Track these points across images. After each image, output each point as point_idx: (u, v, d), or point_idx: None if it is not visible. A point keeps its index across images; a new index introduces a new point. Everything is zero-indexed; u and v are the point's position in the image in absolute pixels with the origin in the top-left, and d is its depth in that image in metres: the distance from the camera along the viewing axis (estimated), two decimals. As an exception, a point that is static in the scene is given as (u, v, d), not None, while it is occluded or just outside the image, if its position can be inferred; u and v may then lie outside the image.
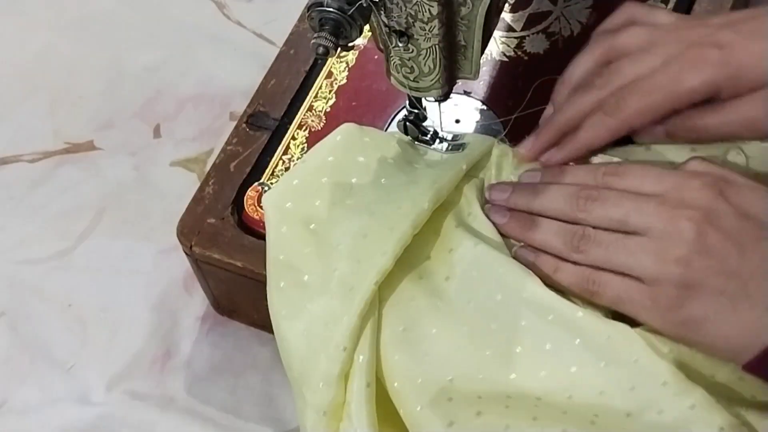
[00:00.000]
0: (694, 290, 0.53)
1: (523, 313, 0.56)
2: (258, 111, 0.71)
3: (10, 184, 0.83)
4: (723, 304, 0.52)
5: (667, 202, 0.55)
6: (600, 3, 0.73)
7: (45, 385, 0.73)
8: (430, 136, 0.65)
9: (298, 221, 0.60)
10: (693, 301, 0.53)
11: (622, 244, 0.55)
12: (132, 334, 0.74)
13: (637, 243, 0.55)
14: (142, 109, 0.85)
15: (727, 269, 0.52)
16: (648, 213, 0.55)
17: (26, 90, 0.87)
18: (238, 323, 0.74)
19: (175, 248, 0.69)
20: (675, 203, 0.54)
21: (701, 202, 0.54)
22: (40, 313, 0.76)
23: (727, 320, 0.52)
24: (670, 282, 0.53)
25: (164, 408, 0.71)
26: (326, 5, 0.53)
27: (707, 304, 0.52)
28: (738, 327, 0.52)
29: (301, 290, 0.58)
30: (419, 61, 0.58)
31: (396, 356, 0.57)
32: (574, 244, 0.57)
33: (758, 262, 0.52)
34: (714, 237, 0.53)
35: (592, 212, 0.57)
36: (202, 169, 0.81)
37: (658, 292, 0.54)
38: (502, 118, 0.68)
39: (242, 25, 0.89)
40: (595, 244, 0.56)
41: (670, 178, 0.56)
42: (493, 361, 0.56)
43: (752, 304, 0.51)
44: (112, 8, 0.91)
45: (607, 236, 0.56)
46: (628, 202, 0.56)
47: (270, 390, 0.71)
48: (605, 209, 0.56)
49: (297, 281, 0.59)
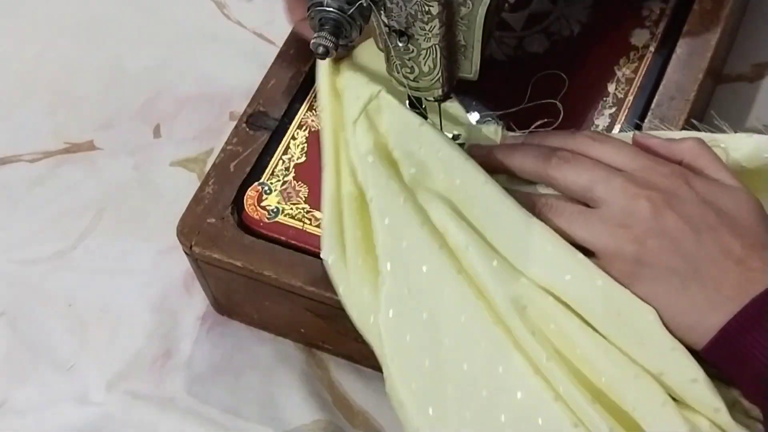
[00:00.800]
0: (646, 268, 0.54)
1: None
2: (258, 111, 0.71)
3: (10, 184, 0.82)
4: (673, 283, 0.53)
5: (634, 180, 0.56)
6: (600, 3, 0.73)
7: (45, 385, 0.73)
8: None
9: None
10: (644, 279, 0.54)
11: (583, 217, 0.56)
12: (132, 334, 0.74)
13: (597, 216, 0.56)
14: (142, 109, 0.85)
15: (680, 250, 0.53)
16: (613, 187, 0.56)
17: (26, 90, 0.87)
18: (238, 323, 0.74)
19: (175, 248, 0.69)
20: (641, 182, 0.56)
21: (665, 186, 0.55)
22: (40, 313, 0.76)
23: (677, 299, 0.53)
24: (623, 258, 0.54)
25: (164, 408, 0.71)
26: (326, 5, 0.53)
27: (657, 281, 0.54)
28: (686, 306, 0.53)
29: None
30: (419, 61, 0.58)
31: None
32: (535, 213, 0.58)
33: (712, 247, 0.53)
34: (671, 219, 0.54)
35: (563, 172, 0.58)
36: (202, 169, 0.81)
37: (612, 267, 0.55)
38: (501, 113, 0.68)
39: (242, 25, 0.89)
40: (557, 213, 0.57)
41: (642, 159, 0.57)
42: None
43: (702, 285, 0.53)
44: (112, 8, 0.91)
45: (569, 207, 0.57)
46: (597, 171, 0.57)
47: (270, 390, 0.71)
48: (575, 172, 0.57)
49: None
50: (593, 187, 0.56)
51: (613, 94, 0.69)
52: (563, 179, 0.58)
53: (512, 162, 0.61)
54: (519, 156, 0.61)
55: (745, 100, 0.78)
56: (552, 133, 0.62)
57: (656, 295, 0.54)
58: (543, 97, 0.69)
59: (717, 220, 0.54)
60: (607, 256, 0.55)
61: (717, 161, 0.57)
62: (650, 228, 0.54)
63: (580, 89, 0.69)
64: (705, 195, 0.55)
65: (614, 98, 0.69)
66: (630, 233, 0.54)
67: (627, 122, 0.67)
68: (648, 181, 0.56)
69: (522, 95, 0.69)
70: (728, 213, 0.54)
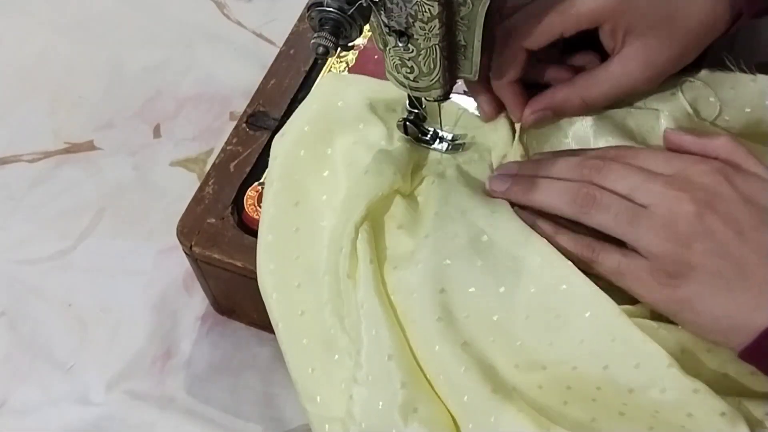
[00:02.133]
0: (691, 269, 0.53)
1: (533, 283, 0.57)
2: (258, 111, 0.71)
3: (10, 184, 0.83)
4: (718, 285, 0.53)
5: (674, 183, 0.55)
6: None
7: (45, 385, 0.73)
8: (430, 136, 0.65)
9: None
10: (689, 280, 0.54)
11: (631, 213, 0.55)
12: (132, 334, 0.74)
13: (642, 216, 0.55)
14: (142, 109, 0.85)
15: (725, 252, 0.53)
16: (654, 191, 0.55)
17: (26, 90, 0.87)
18: (238, 323, 0.74)
19: (175, 248, 0.69)
20: (681, 184, 0.55)
21: (705, 185, 0.55)
22: (40, 313, 0.76)
23: (721, 301, 0.53)
24: (669, 259, 0.54)
25: (164, 408, 0.71)
26: (326, 5, 0.53)
27: (703, 283, 0.53)
28: (731, 308, 0.53)
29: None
30: (419, 61, 0.58)
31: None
32: (579, 203, 0.57)
33: (756, 247, 0.53)
34: (715, 220, 0.53)
35: (601, 182, 0.57)
36: (202, 169, 0.81)
37: (657, 267, 0.54)
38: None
39: (242, 25, 0.89)
40: (603, 207, 0.56)
41: (678, 161, 0.57)
42: (500, 327, 0.56)
43: (747, 286, 0.52)
44: (112, 8, 0.91)
45: (616, 201, 0.56)
46: (634, 176, 0.56)
47: (270, 390, 0.71)
48: (610, 181, 0.57)
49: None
50: (632, 194, 0.56)
51: (613, 94, 0.69)
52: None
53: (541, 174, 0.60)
54: (550, 170, 0.59)
55: (745, 100, 0.78)
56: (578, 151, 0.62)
57: (702, 297, 0.53)
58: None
59: (760, 218, 0.54)
60: (652, 256, 0.55)
61: (752, 156, 0.57)
62: (695, 231, 0.54)
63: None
64: (746, 193, 0.54)
65: (614, 98, 0.69)
66: (675, 236, 0.54)
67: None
68: (687, 182, 0.55)
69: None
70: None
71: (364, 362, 0.56)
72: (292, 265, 0.61)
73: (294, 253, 0.61)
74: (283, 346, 0.60)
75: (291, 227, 0.61)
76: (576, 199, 0.57)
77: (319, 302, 0.59)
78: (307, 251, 0.61)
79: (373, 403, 0.55)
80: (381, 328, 0.56)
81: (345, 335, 0.58)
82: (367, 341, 0.56)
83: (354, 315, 0.58)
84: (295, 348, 0.59)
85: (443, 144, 0.65)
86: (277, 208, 0.62)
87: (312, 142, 0.63)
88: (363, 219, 0.59)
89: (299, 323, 0.59)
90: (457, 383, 0.55)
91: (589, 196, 0.56)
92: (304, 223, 0.61)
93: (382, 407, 0.55)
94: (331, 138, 0.64)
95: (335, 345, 0.59)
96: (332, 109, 0.64)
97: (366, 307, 0.57)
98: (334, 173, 0.62)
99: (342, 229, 0.59)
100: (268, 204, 0.62)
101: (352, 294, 0.58)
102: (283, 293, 0.60)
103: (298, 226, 0.61)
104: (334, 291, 0.59)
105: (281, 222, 0.61)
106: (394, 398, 0.55)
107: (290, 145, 0.63)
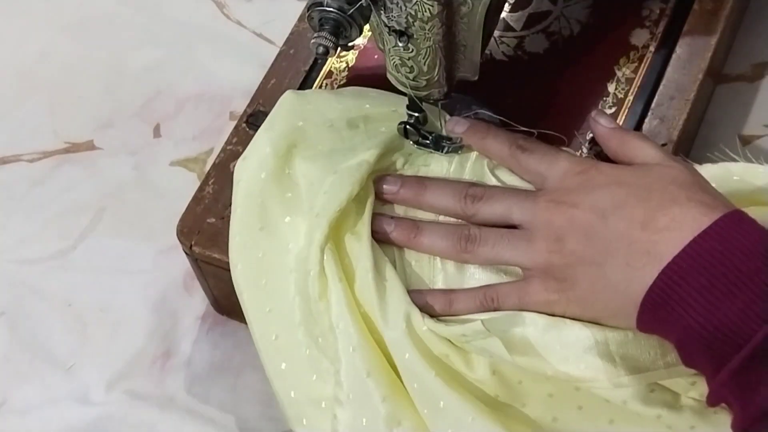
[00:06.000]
0: (574, 267, 0.54)
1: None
2: (258, 111, 0.71)
3: (10, 184, 0.82)
4: (595, 274, 0.54)
5: (544, 193, 0.57)
6: (600, 3, 0.73)
7: (45, 385, 0.73)
8: (430, 139, 0.64)
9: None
10: (576, 281, 0.54)
11: (506, 239, 0.57)
12: (132, 334, 0.74)
13: (519, 236, 0.57)
14: (142, 109, 0.85)
15: (592, 240, 0.54)
16: (526, 207, 0.57)
17: (26, 90, 0.87)
18: (238, 323, 0.74)
19: (175, 248, 0.69)
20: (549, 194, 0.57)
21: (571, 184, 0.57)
22: (40, 313, 0.76)
23: (601, 288, 0.53)
24: (553, 267, 0.55)
25: (164, 408, 0.71)
26: (326, 5, 0.53)
27: (585, 278, 0.54)
28: (611, 292, 0.53)
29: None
30: (419, 61, 0.58)
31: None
32: (462, 246, 0.58)
33: (619, 224, 0.53)
34: (579, 213, 0.55)
35: (479, 210, 0.59)
36: (202, 169, 0.81)
37: (547, 280, 0.55)
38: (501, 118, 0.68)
39: (242, 24, 0.89)
40: (482, 243, 0.58)
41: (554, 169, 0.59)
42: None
43: (615, 265, 0.53)
44: (112, 8, 0.91)
45: (492, 234, 0.58)
46: (510, 197, 0.58)
47: (270, 390, 0.70)
48: (490, 205, 0.59)
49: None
50: (509, 214, 0.58)
51: (613, 94, 0.69)
52: (483, 215, 0.59)
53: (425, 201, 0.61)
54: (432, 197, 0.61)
55: (744, 100, 0.78)
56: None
57: (587, 293, 0.54)
58: (543, 97, 0.69)
59: (626, 195, 0.54)
60: (539, 271, 0.56)
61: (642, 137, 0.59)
62: (564, 231, 0.55)
63: (580, 89, 0.69)
64: (616, 177, 0.55)
65: (614, 98, 0.69)
66: (550, 243, 0.55)
67: (627, 122, 0.67)
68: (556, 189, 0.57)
69: (522, 95, 0.69)
70: (641, 186, 0.54)
71: (344, 380, 0.57)
72: (261, 291, 0.61)
73: (262, 279, 0.61)
74: (266, 372, 0.61)
75: (257, 253, 0.61)
76: (459, 241, 0.58)
77: (291, 325, 0.60)
78: (274, 276, 0.61)
79: (357, 420, 0.56)
80: (357, 345, 0.57)
81: (321, 355, 0.59)
82: (345, 360, 0.57)
83: (330, 336, 0.58)
84: (275, 372, 0.60)
85: (444, 147, 0.64)
86: (242, 236, 0.62)
87: (273, 164, 0.63)
88: (327, 239, 0.59)
89: (275, 348, 0.60)
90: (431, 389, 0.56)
91: (466, 237, 0.58)
92: (269, 247, 0.61)
93: (366, 423, 0.56)
94: (291, 159, 0.63)
95: (312, 366, 0.59)
96: (292, 130, 0.64)
97: (341, 326, 0.58)
98: (296, 195, 0.62)
99: (307, 252, 0.59)
100: (234, 231, 0.62)
101: (325, 316, 0.59)
102: (258, 319, 0.61)
103: (264, 251, 0.61)
104: (305, 312, 0.59)
105: (247, 248, 0.62)
106: (376, 413, 0.56)
107: (252, 168, 0.63)
